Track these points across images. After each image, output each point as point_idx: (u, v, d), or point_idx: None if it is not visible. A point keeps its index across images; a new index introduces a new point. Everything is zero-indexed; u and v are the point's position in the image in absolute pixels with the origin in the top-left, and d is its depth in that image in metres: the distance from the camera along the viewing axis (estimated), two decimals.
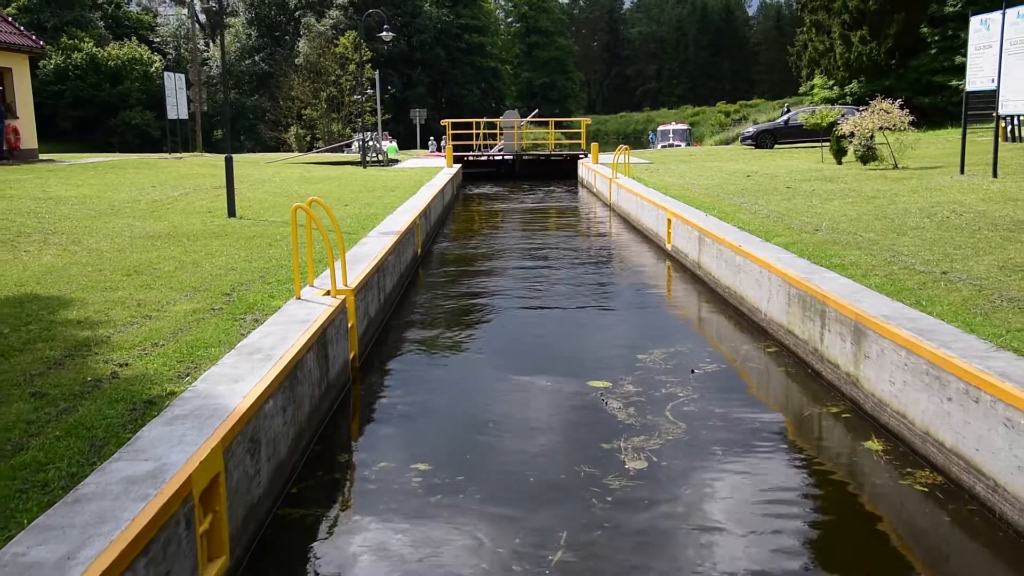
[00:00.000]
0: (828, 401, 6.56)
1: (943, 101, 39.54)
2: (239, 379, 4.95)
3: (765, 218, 11.85)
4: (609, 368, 7.40)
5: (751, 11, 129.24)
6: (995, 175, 15.24)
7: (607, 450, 5.58)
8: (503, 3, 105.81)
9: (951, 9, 38.14)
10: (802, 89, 52.56)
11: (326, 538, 4.58)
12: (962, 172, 16.39)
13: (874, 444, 5.70)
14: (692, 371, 7.27)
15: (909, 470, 5.26)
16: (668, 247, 13.42)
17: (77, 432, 4.12)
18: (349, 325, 7.39)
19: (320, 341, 6.28)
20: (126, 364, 5.23)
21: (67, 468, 3.71)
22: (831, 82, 46.34)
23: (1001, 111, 14.84)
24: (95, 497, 3.41)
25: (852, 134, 19.88)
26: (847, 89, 43.99)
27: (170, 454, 3.84)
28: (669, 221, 13.35)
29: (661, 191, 16.56)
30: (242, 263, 8.88)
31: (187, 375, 5.04)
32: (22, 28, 25.00)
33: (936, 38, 39.44)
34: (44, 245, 9.74)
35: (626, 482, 5.08)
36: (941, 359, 5.14)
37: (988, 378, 4.66)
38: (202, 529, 3.78)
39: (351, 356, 7.44)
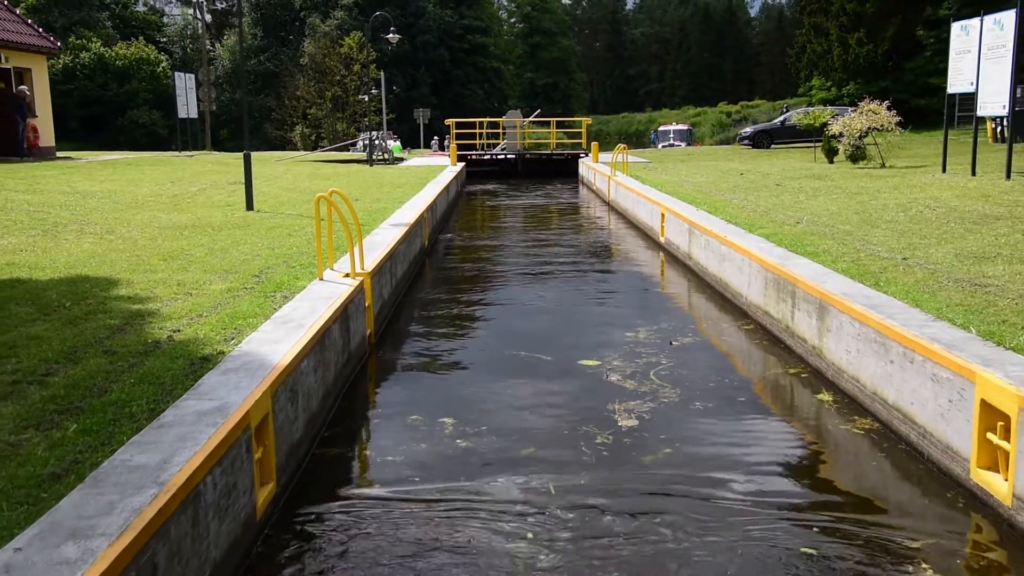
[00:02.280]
0: (796, 369, 7.34)
1: (938, 103, 40.17)
2: (278, 341, 5.74)
3: (752, 212, 12.63)
4: (604, 345, 8.18)
5: (753, 12, 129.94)
6: (974, 173, 16.02)
7: (602, 406, 6.37)
8: (506, 4, 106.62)
9: (946, 12, 38.89)
10: (801, 90, 53.38)
11: (357, 474, 5.38)
12: (944, 171, 17.18)
13: (826, 397, 6.52)
14: (671, 343, 8.08)
15: (857, 420, 6.06)
16: (661, 240, 14.20)
17: (148, 380, 4.90)
18: (366, 304, 8.18)
19: (343, 316, 7.06)
20: (178, 330, 6.02)
21: (147, 405, 4.50)
22: (829, 83, 47.13)
23: (979, 112, 15.61)
24: (175, 424, 4.20)
25: (842, 134, 20.67)
26: (844, 90, 44.76)
27: (229, 395, 4.63)
28: (662, 215, 14.13)
29: (656, 188, 17.34)
30: (265, 250, 9.67)
31: (232, 339, 5.83)
32: (40, 29, 25.81)
33: (931, 41, 40.19)
34: (81, 234, 10.53)
35: (616, 435, 5.86)
36: (886, 328, 5.92)
37: (921, 341, 5.44)
38: (257, 456, 4.57)
39: (368, 332, 8.23)
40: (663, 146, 49.48)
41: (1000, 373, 4.69)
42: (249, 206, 13.65)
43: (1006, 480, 4.50)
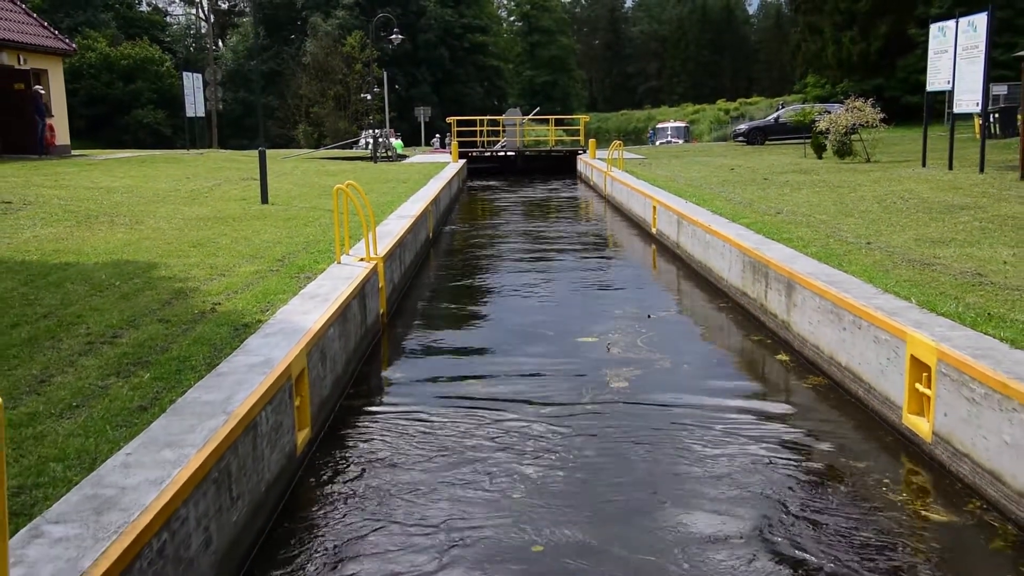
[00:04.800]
0: (769, 340, 8.18)
1: (930, 99, 41.10)
2: (307, 312, 6.57)
3: (737, 204, 13.45)
4: (598, 322, 9.02)
5: (751, 10, 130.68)
6: (951, 167, 16.85)
7: (596, 369, 7.21)
8: (505, 2, 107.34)
9: (937, 11, 39.71)
10: (796, 87, 54.18)
11: (376, 423, 6.21)
12: (924, 165, 18.00)
13: (791, 362, 7.37)
14: (649, 316, 8.96)
15: (813, 380, 6.91)
16: (653, 231, 15.03)
17: (201, 341, 5.73)
18: (380, 286, 9.02)
19: (360, 293, 7.89)
20: (219, 304, 6.85)
21: (203, 360, 5.33)
22: (824, 81, 47.96)
23: (956, 110, 16.44)
24: (230, 373, 5.03)
25: (829, 131, 21.49)
26: (839, 88, 45.58)
27: (272, 352, 5.46)
28: (654, 208, 14.96)
29: (650, 183, 18.17)
30: (285, 238, 10.49)
31: (267, 310, 6.66)
32: (56, 32, 26.62)
33: (923, 39, 40.90)
34: (112, 225, 11.35)
35: (611, 393, 6.71)
36: (840, 300, 6.75)
37: (868, 309, 6.27)
38: (296, 404, 5.40)
39: (381, 311, 9.07)
40: (661, 143, 50.25)
41: (927, 332, 5.52)
42: (264, 199, 14.47)
43: (928, 421, 5.34)
